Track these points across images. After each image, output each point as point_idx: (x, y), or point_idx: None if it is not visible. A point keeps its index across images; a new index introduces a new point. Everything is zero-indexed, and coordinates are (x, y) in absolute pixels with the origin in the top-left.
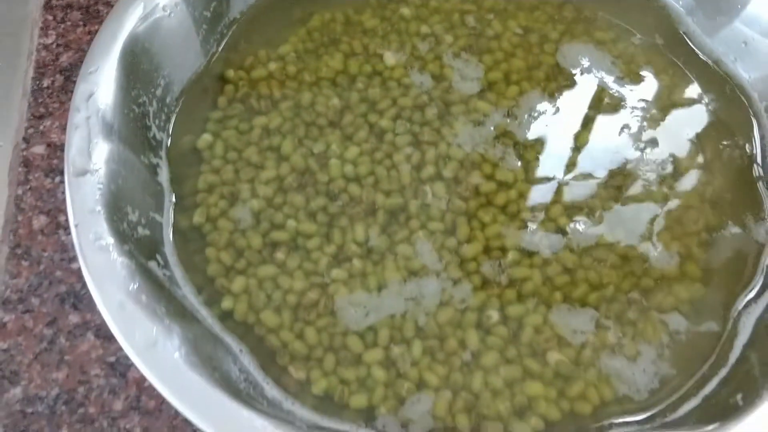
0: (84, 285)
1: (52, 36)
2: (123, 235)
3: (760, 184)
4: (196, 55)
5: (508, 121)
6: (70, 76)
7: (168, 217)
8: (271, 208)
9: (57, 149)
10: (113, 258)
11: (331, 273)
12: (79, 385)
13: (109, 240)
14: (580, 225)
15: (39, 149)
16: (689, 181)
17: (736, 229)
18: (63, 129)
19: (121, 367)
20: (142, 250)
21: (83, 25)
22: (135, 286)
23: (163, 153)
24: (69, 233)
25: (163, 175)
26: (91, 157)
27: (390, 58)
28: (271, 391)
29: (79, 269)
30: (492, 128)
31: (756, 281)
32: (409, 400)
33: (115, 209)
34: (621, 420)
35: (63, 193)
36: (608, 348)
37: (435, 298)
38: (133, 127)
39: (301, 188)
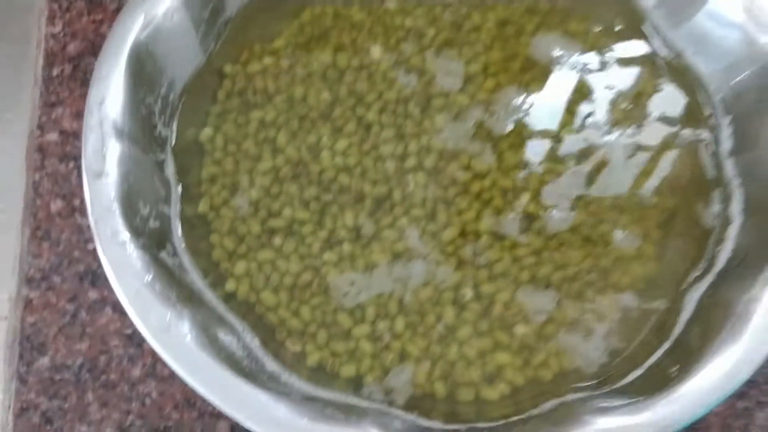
0: (100, 264)
1: (59, 25)
2: (137, 229)
3: (711, 172)
4: (195, 53)
5: (486, 113)
6: (78, 65)
7: (175, 209)
8: (269, 197)
9: (69, 136)
10: (129, 252)
11: (323, 256)
12: (100, 355)
13: (126, 235)
14: (549, 210)
15: (52, 136)
16: (651, 165)
17: (688, 213)
18: (74, 117)
19: (137, 338)
20: (153, 241)
21: (88, 14)
22: (150, 277)
23: (168, 148)
24: (84, 216)
25: (170, 169)
26: (106, 158)
27: (376, 52)
28: (271, 365)
29: (94, 250)
30: (470, 120)
31: (702, 262)
32: (393, 370)
33: (129, 206)
34: (575, 385)
35: (77, 177)
36: (567, 324)
37: (417, 279)
38: (141, 127)
39: (296, 178)
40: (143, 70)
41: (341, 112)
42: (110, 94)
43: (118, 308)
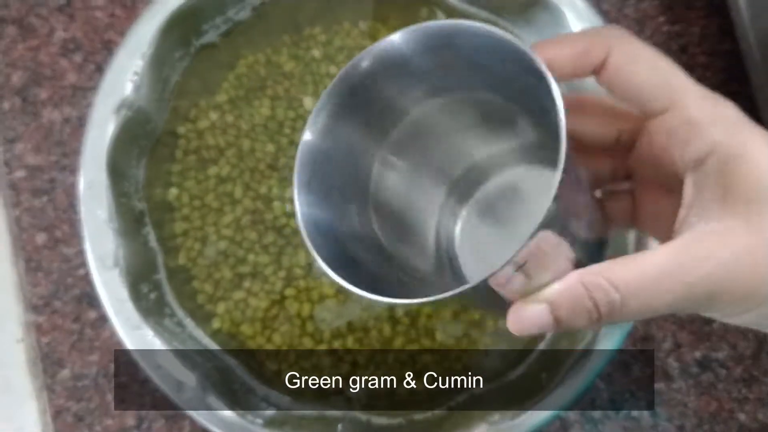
0: (93, 287)
1: None
2: (146, 311)
3: None
4: (154, 127)
5: None
6: (26, 97)
7: (163, 272)
8: (234, 245)
9: (35, 171)
10: (146, 335)
11: (285, 292)
12: (109, 363)
13: (139, 321)
14: None
15: (20, 173)
16: None
17: None
18: (35, 150)
19: None
20: (158, 311)
21: (23, 40)
22: (164, 352)
23: (147, 220)
24: (68, 246)
25: (152, 238)
26: (109, 262)
27: (308, 102)
28: (262, 389)
29: (85, 275)
30: None
31: None
32: (350, 379)
33: (135, 293)
34: (476, 378)
35: (53, 210)
36: (472, 326)
37: (360, 303)
38: (125, 214)
39: (254, 225)
40: (118, 169)
41: (285, 162)
42: (99, 198)
43: None
